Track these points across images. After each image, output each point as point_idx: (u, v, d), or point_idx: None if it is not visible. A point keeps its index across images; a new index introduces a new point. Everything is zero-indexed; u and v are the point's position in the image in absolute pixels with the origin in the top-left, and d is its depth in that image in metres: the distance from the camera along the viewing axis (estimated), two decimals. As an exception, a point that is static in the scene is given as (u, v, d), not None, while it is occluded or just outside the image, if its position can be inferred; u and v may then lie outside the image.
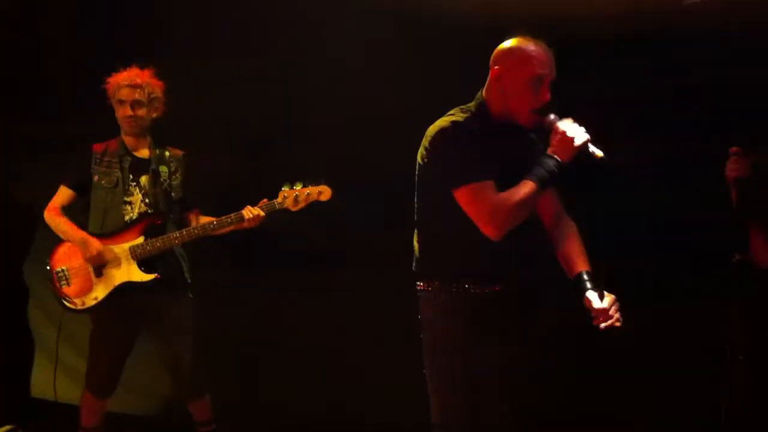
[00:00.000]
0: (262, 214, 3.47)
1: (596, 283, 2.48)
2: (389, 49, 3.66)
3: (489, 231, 2.40)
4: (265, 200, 3.49)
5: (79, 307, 3.49)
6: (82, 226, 3.52)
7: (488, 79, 2.52)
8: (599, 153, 2.37)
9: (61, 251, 3.52)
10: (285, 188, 3.48)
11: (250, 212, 3.45)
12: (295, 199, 3.46)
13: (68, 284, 3.49)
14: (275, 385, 4.13)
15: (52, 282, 3.51)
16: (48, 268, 3.53)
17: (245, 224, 3.46)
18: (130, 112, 3.49)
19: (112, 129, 3.59)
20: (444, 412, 2.55)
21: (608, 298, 2.43)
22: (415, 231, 2.63)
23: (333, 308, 3.99)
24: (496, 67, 2.49)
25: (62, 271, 3.50)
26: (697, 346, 3.20)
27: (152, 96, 3.52)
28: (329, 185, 3.50)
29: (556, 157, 2.39)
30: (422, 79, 3.07)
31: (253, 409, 4.17)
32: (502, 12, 3.33)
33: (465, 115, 2.49)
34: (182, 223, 3.58)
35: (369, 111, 3.73)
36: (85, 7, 4.03)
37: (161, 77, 3.56)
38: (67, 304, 3.49)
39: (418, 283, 2.61)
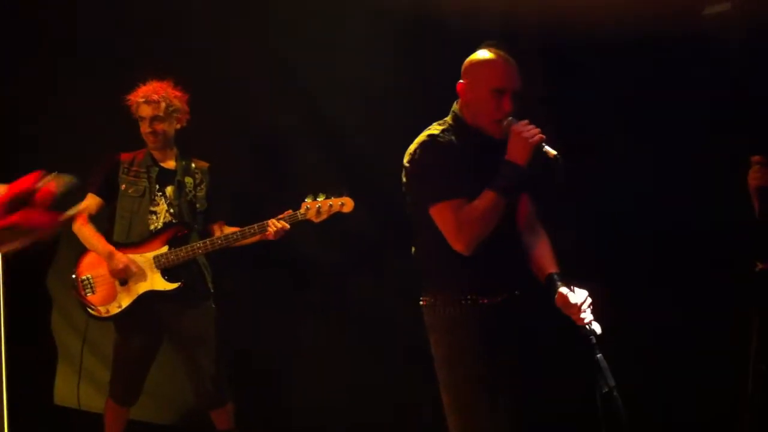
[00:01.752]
0: (287, 226, 3.49)
1: (566, 282, 2.50)
2: (409, 57, 3.68)
3: (458, 247, 2.43)
4: (288, 211, 3.52)
5: (103, 315, 3.53)
6: (107, 233, 3.57)
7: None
8: (552, 152, 2.37)
9: (87, 260, 3.57)
10: (308, 200, 3.51)
11: (274, 225, 3.47)
12: (318, 211, 3.49)
13: (93, 292, 3.53)
14: (296, 393, 4.14)
15: (77, 290, 3.56)
16: (73, 276, 3.57)
17: (269, 236, 3.49)
18: (149, 129, 3.52)
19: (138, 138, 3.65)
20: (461, 425, 2.55)
21: (580, 293, 2.46)
22: (413, 246, 2.65)
23: (355, 318, 4.00)
24: (460, 81, 2.55)
25: (87, 279, 3.54)
26: (718, 356, 3.19)
27: (171, 109, 3.54)
28: (351, 197, 3.53)
29: (512, 161, 2.40)
30: (443, 87, 3.08)
31: (274, 418, 4.18)
32: (519, 16, 3.36)
33: (442, 127, 2.54)
34: (206, 234, 3.61)
35: (389, 121, 3.76)
36: (115, 21, 4.08)
37: (184, 89, 3.61)
38: (91, 311, 3.54)
39: (422, 298, 2.62)
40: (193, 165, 3.66)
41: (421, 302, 2.63)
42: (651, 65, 3.33)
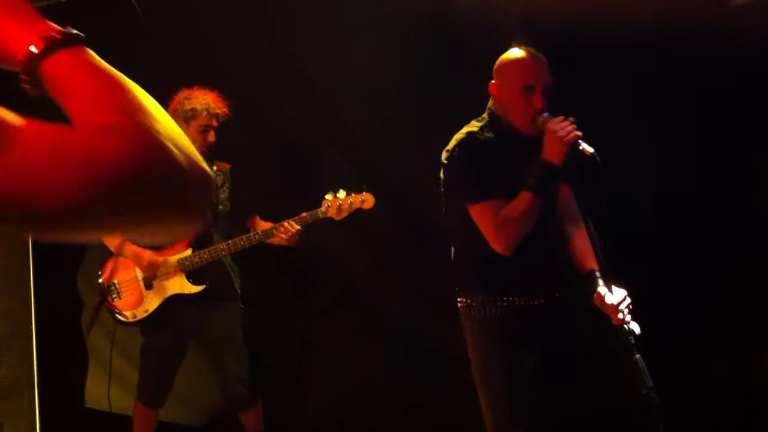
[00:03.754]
0: (299, 227, 3.44)
1: (606, 280, 2.47)
2: (428, 53, 3.66)
3: (498, 248, 2.43)
4: (303, 214, 3.49)
5: (130, 320, 3.55)
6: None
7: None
8: (590, 149, 2.32)
9: (112, 265, 3.59)
10: (328, 197, 3.49)
11: (287, 228, 3.43)
12: (339, 208, 3.46)
13: (119, 297, 3.55)
14: (324, 394, 4.14)
15: (104, 296, 3.58)
16: (99, 282, 3.60)
17: (283, 238, 3.44)
18: (213, 139, 3.53)
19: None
20: (497, 425, 2.56)
21: (618, 293, 2.42)
22: (452, 247, 2.64)
23: (381, 318, 3.99)
24: (492, 81, 2.55)
25: (113, 284, 3.56)
26: (744, 357, 3.14)
27: (223, 120, 3.57)
28: (373, 192, 3.51)
29: (546, 160, 2.36)
30: (462, 83, 3.07)
31: (302, 419, 4.19)
32: (542, 13, 3.31)
33: (480, 124, 2.54)
34: (229, 235, 3.62)
35: (408, 116, 3.74)
36: (136, 28, 4.09)
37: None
38: (119, 317, 3.56)
39: (459, 299, 2.61)
40: (215, 167, 3.67)
41: (458, 303, 2.62)
42: (677, 57, 3.28)
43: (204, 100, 3.52)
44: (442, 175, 2.56)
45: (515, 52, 2.52)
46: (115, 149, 0.68)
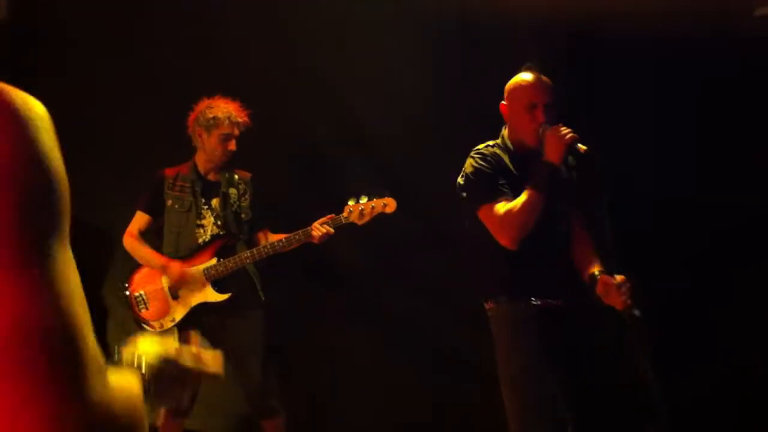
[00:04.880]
0: (332, 231, 3.49)
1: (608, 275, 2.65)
2: (448, 58, 3.66)
3: (504, 241, 2.67)
4: (331, 215, 3.52)
5: (158, 330, 3.57)
6: (157, 248, 3.62)
7: None
8: (584, 147, 2.62)
9: (138, 276, 3.62)
10: (350, 202, 3.51)
11: (318, 230, 3.48)
12: (361, 213, 3.48)
13: (146, 308, 3.58)
14: (349, 403, 4.14)
15: (131, 307, 3.61)
16: (127, 293, 3.63)
17: (314, 240, 3.49)
18: (233, 148, 3.56)
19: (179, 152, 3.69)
20: (517, 422, 2.70)
21: (619, 278, 2.61)
22: (472, 251, 2.85)
23: (404, 325, 3.97)
24: (502, 104, 2.84)
25: (140, 295, 3.59)
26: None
27: (243, 130, 3.60)
28: (393, 197, 3.52)
29: (548, 160, 2.66)
30: (484, 88, 3.09)
31: (324, 428, 4.18)
32: (570, 19, 3.32)
33: (494, 142, 2.86)
34: (252, 243, 3.64)
35: (429, 121, 3.74)
36: (156, 38, 4.14)
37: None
38: (146, 327, 3.58)
39: (485, 303, 2.81)
40: (236, 176, 3.69)
41: (486, 305, 2.82)
42: (700, 66, 3.27)
43: (226, 109, 3.55)
44: (461, 196, 2.82)
45: (523, 76, 2.82)
46: None
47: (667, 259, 3.27)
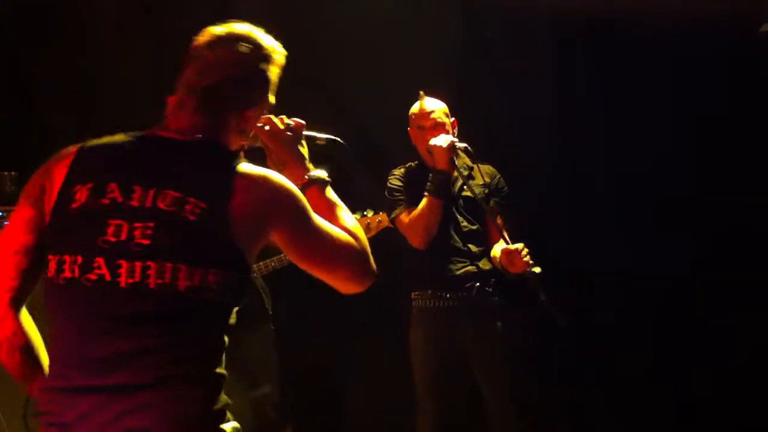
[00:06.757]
0: None
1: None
2: (457, 71, 3.70)
3: (414, 242, 3.26)
4: None
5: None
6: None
7: None
8: (463, 145, 3.19)
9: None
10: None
11: None
12: (367, 227, 3.50)
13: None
14: (358, 416, 4.14)
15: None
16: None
17: None
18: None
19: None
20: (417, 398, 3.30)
21: (518, 245, 3.04)
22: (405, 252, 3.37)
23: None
24: (409, 129, 3.43)
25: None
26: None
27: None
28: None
29: (438, 169, 3.19)
30: (492, 97, 3.14)
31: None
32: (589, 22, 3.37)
33: (412, 164, 3.46)
34: (260, 256, 3.66)
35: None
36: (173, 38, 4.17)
37: None
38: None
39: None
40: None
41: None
42: (706, 81, 3.32)
43: None
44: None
45: (414, 106, 3.36)
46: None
47: (667, 259, 3.27)
